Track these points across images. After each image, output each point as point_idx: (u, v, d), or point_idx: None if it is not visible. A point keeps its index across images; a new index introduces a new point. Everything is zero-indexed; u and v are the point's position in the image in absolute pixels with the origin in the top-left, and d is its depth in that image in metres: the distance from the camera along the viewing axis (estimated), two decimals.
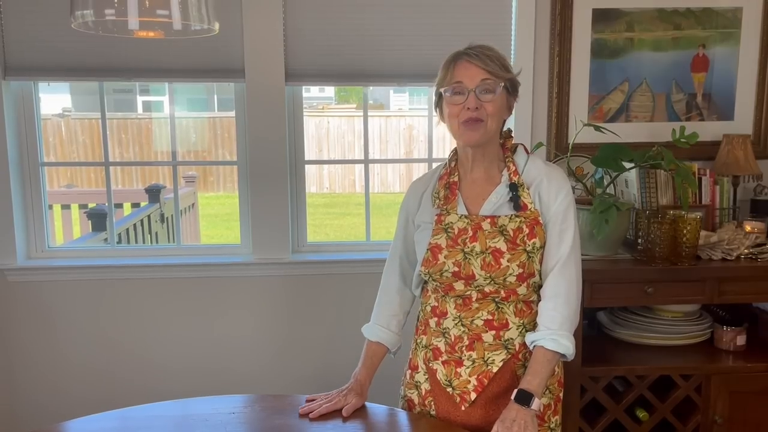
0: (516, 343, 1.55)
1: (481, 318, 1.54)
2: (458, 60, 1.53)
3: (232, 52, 2.55)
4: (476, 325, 1.54)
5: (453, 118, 1.54)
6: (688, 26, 2.63)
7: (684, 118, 2.69)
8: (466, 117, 1.51)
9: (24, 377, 2.71)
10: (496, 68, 1.51)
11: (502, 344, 1.54)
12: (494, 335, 1.54)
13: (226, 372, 2.76)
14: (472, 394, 1.55)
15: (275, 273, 2.71)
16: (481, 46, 1.55)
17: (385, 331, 1.70)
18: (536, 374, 1.48)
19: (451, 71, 1.53)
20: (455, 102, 1.52)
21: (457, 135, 1.56)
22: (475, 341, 1.54)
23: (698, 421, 2.24)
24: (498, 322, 1.54)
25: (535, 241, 1.52)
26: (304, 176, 2.76)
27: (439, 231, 1.56)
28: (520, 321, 1.55)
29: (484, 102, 1.50)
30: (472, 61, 1.51)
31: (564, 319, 1.50)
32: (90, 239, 4.50)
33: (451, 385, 1.57)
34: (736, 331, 2.32)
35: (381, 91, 9.93)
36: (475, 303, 1.54)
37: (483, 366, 1.54)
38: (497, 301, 1.54)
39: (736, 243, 2.28)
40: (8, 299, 2.66)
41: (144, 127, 9.35)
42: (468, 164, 1.60)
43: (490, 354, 1.54)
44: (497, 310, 1.54)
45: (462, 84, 1.51)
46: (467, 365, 1.55)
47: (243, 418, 1.58)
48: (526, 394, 1.46)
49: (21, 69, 2.51)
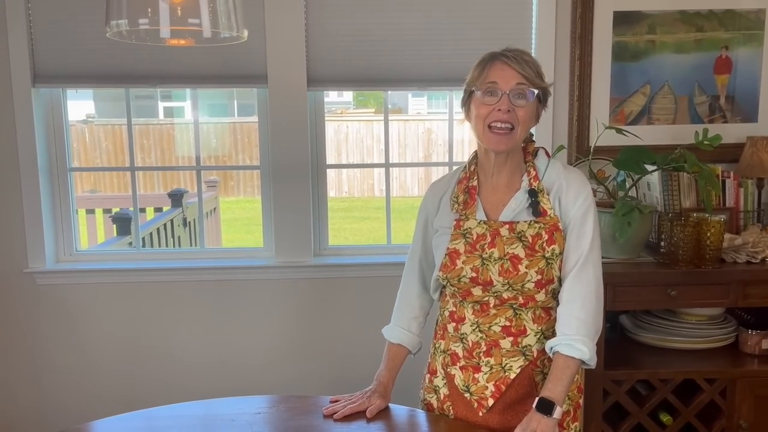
0: (534, 349, 1.54)
1: (498, 324, 1.53)
2: (494, 60, 1.49)
3: (255, 58, 2.59)
4: (494, 331, 1.54)
5: (480, 119, 1.50)
6: (710, 28, 2.61)
7: (707, 120, 2.68)
8: (495, 119, 1.47)
9: (51, 378, 2.77)
10: (531, 74, 1.48)
11: (519, 351, 1.53)
12: (512, 341, 1.53)
13: (249, 373, 2.79)
14: (489, 400, 1.55)
15: (297, 276, 2.74)
16: (519, 50, 1.51)
17: (406, 332, 1.71)
18: (557, 381, 1.46)
19: (486, 70, 1.48)
20: (487, 102, 1.48)
21: (481, 137, 1.52)
22: (492, 347, 1.54)
23: (723, 426, 2.22)
24: (516, 329, 1.53)
25: (554, 248, 1.50)
26: (326, 180, 2.79)
27: (457, 236, 1.55)
28: (539, 328, 1.53)
29: (516, 107, 1.47)
30: (510, 63, 1.47)
31: (580, 323, 1.47)
32: (115, 243, 4.57)
33: (468, 390, 1.57)
34: (761, 335, 2.30)
35: (399, 96, 9.93)
36: (492, 309, 1.53)
37: (501, 372, 1.54)
38: (515, 308, 1.53)
39: (761, 246, 2.26)
40: (37, 302, 2.71)
41: (165, 133, 9.45)
42: (490, 169, 1.57)
43: (508, 360, 1.54)
44: (515, 317, 1.52)
45: (496, 84, 1.47)
46: (485, 371, 1.55)
47: (268, 418, 1.60)
48: (548, 403, 1.43)
49: (50, 76, 2.57)
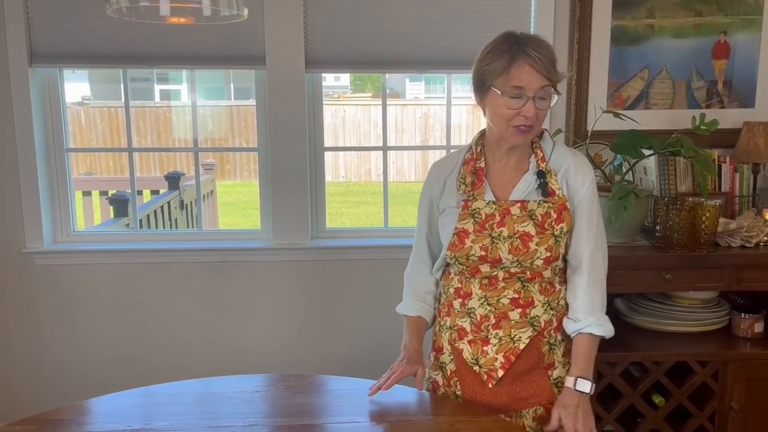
0: (542, 320, 1.58)
1: (507, 297, 1.56)
2: (518, 58, 1.44)
3: (254, 39, 2.58)
4: (502, 304, 1.56)
5: (503, 119, 1.49)
6: (709, 13, 2.61)
7: (704, 105, 2.68)
8: (520, 123, 1.47)
9: (49, 358, 2.78)
10: (554, 74, 1.47)
11: (528, 321, 1.57)
12: (520, 313, 1.56)
13: (246, 354, 2.81)
14: (499, 371, 1.57)
15: (295, 258, 2.75)
16: (539, 42, 1.47)
17: (422, 304, 1.71)
18: (587, 360, 1.56)
19: (512, 70, 1.45)
20: (511, 106, 1.46)
21: (503, 133, 1.52)
22: (501, 319, 1.57)
23: (715, 408, 2.25)
24: (524, 300, 1.56)
25: (562, 226, 1.54)
26: (324, 163, 2.79)
27: (465, 216, 1.56)
28: (545, 299, 1.57)
29: (539, 109, 1.47)
30: (536, 67, 1.44)
31: (602, 303, 1.59)
32: (112, 225, 4.57)
33: (477, 363, 1.59)
34: (753, 319, 2.32)
35: (397, 80, 9.90)
36: (501, 282, 1.56)
37: (510, 343, 1.57)
38: (523, 280, 1.56)
39: (755, 230, 2.28)
40: (35, 282, 2.72)
41: (162, 116, 9.41)
42: (499, 152, 1.58)
43: (517, 331, 1.57)
44: (523, 289, 1.56)
45: (522, 90, 1.45)
46: (494, 343, 1.57)
47: (266, 396, 1.62)
48: (584, 381, 1.53)
49: (47, 56, 2.56)
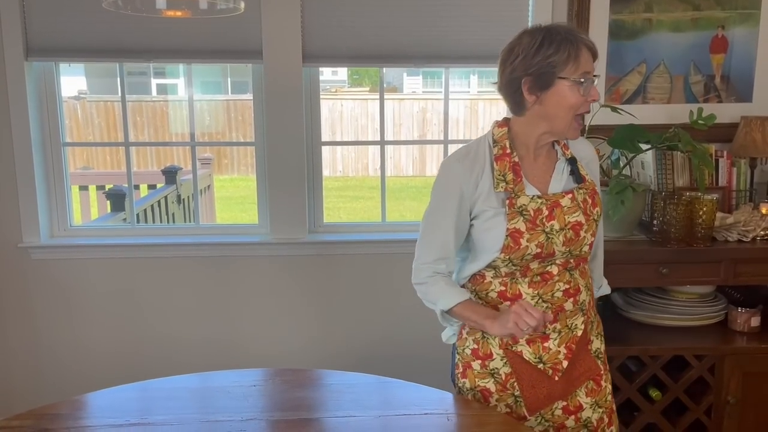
0: (587, 303, 1.61)
1: (560, 290, 1.56)
2: (581, 46, 1.45)
3: (251, 33, 2.57)
4: (557, 298, 1.56)
5: (572, 109, 1.47)
6: (707, 7, 2.61)
7: (702, 99, 2.68)
8: (586, 109, 1.49)
9: (46, 353, 2.78)
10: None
11: (579, 308, 1.59)
12: (573, 302, 1.57)
13: (243, 348, 2.81)
14: (564, 362, 1.58)
15: (292, 253, 2.75)
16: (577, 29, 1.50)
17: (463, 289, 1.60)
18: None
19: (579, 58, 1.44)
20: (585, 93, 1.46)
21: (567, 128, 1.50)
22: (558, 313, 1.57)
23: (711, 402, 2.26)
24: (573, 289, 1.57)
25: (597, 210, 1.59)
26: (321, 157, 2.78)
27: (514, 215, 1.51)
28: (585, 282, 1.61)
29: None
30: (592, 51, 1.47)
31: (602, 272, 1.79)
32: (109, 219, 4.56)
33: (542, 360, 1.58)
34: (750, 313, 2.33)
35: (394, 74, 9.89)
36: (556, 276, 1.55)
37: (569, 333, 1.59)
38: (570, 270, 1.57)
39: (752, 225, 2.28)
40: (32, 277, 2.72)
41: (159, 110, 9.38)
42: (533, 145, 1.55)
43: (572, 320, 1.59)
44: (571, 278, 1.58)
45: (590, 75, 1.46)
46: (554, 337, 1.58)
47: (263, 390, 1.62)
48: None
49: (43, 50, 2.55)
